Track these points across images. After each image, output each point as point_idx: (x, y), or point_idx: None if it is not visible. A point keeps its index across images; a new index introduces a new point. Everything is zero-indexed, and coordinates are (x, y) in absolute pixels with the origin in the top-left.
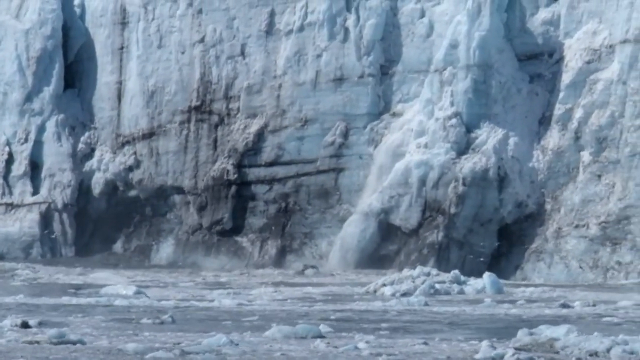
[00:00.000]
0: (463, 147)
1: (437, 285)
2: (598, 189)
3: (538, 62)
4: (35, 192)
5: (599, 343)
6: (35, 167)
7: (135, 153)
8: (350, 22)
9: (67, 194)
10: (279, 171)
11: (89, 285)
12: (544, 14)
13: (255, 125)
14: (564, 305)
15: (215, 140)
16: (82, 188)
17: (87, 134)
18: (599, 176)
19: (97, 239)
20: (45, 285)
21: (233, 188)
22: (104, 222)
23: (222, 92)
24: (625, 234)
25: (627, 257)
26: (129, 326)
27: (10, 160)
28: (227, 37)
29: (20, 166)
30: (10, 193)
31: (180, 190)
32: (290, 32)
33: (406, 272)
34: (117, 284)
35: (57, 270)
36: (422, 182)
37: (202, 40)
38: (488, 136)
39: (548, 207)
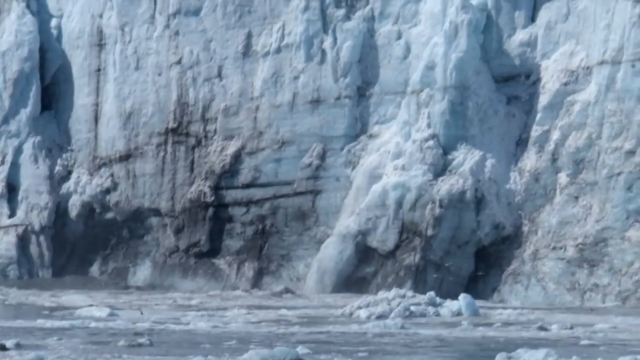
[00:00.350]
0: (440, 169)
1: (413, 308)
2: (575, 210)
3: (515, 83)
4: (12, 214)
5: None
6: (12, 189)
7: (112, 175)
8: (327, 44)
9: (44, 216)
10: (256, 193)
11: (63, 307)
12: (521, 35)
13: (232, 147)
14: (542, 328)
15: (192, 162)
16: (59, 210)
17: (64, 156)
18: (576, 198)
19: (74, 261)
20: (18, 308)
21: (210, 210)
22: (81, 244)
23: (199, 114)
24: (603, 255)
25: (605, 279)
26: (107, 348)
27: None
28: (204, 59)
29: None
30: None
31: (157, 212)
32: (267, 53)
33: (382, 294)
34: (90, 306)
35: (29, 293)
36: (399, 204)
37: (179, 62)
38: (465, 158)
39: (525, 229)
